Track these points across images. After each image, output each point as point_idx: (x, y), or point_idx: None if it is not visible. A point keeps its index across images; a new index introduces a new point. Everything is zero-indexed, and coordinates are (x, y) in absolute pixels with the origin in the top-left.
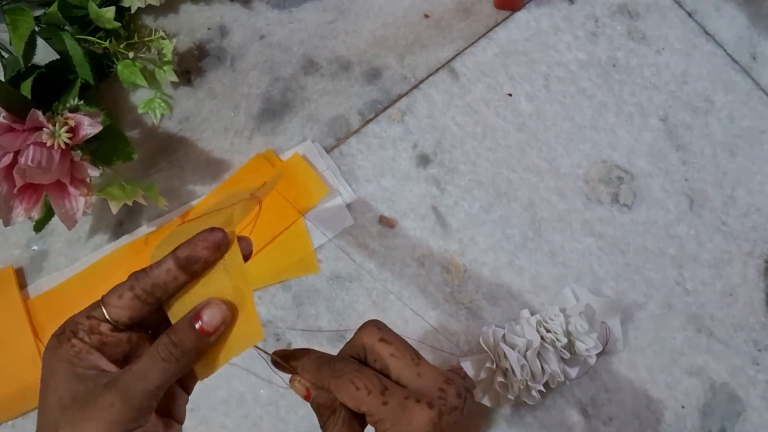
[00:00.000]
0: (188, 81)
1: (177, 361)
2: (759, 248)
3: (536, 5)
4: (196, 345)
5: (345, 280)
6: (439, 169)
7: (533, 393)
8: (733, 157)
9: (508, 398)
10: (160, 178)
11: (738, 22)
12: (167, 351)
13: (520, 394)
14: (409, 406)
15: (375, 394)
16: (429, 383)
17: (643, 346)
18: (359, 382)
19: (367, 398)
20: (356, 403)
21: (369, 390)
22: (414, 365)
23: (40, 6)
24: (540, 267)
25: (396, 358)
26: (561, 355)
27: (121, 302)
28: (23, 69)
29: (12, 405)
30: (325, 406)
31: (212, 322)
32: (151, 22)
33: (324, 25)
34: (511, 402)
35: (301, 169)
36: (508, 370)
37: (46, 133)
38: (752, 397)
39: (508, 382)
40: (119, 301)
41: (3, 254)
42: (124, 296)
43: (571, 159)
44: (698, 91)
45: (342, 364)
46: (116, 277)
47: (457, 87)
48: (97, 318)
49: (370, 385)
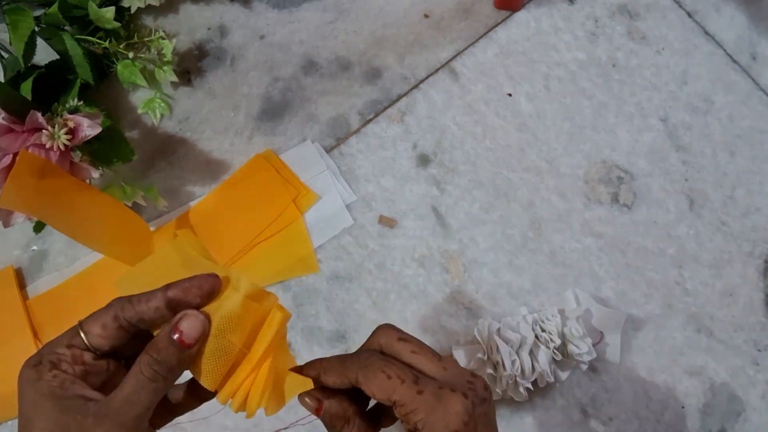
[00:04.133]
0: (188, 81)
1: (164, 379)
2: (759, 248)
3: (536, 5)
4: (179, 359)
5: (345, 280)
6: (439, 169)
7: (521, 390)
8: (733, 157)
9: (495, 392)
10: (160, 178)
11: (738, 22)
12: (151, 370)
13: (507, 388)
14: (444, 395)
15: (408, 384)
16: (457, 376)
17: (643, 346)
18: (391, 371)
19: (401, 387)
20: (388, 393)
21: (402, 379)
22: (437, 360)
23: (40, 6)
24: (540, 267)
25: (418, 354)
26: (553, 356)
27: (104, 332)
28: (23, 69)
29: (12, 405)
30: (337, 416)
31: (192, 333)
32: (151, 22)
33: (324, 25)
34: (498, 396)
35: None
36: (498, 363)
37: (46, 135)
38: (752, 397)
39: (497, 375)
40: (102, 331)
41: (3, 254)
42: (108, 326)
43: (571, 159)
44: (698, 91)
45: (368, 354)
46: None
47: (457, 87)
48: (79, 347)
49: (402, 374)
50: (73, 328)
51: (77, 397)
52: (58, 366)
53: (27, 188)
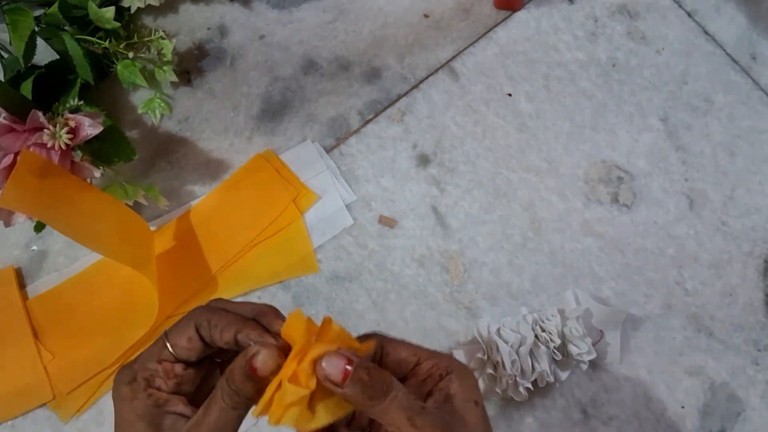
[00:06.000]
0: (188, 81)
1: (245, 405)
2: (759, 248)
3: (536, 5)
4: (256, 388)
5: (345, 280)
6: (439, 169)
7: (521, 389)
8: (733, 157)
9: (495, 391)
10: (160, 178)
11: (738, 22)
12: (231, 400)
13: (507, 388)
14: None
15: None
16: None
17: (643, 346)
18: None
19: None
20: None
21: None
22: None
23: (40, 6)
24: (540, 267)
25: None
26: (553, 356)
27: (190, 344)
28: (23, 69)
29: (12, 405)
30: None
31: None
32: (151, 22)
33: (324, 25)
34: (498, 395)
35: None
36: (498, 363)
37: (47, 134)
38: (752, 397)
39: (497, 375)
40: (188, 344)
41: (3, 254)
42: (193, 339)
43: (570, 159)
44: (698, 91)
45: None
46: (116, 278)
47: (457, 87)
48: (169, 360)
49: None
50: (159, 341)
51: (171, 415)
52: (152, 383)
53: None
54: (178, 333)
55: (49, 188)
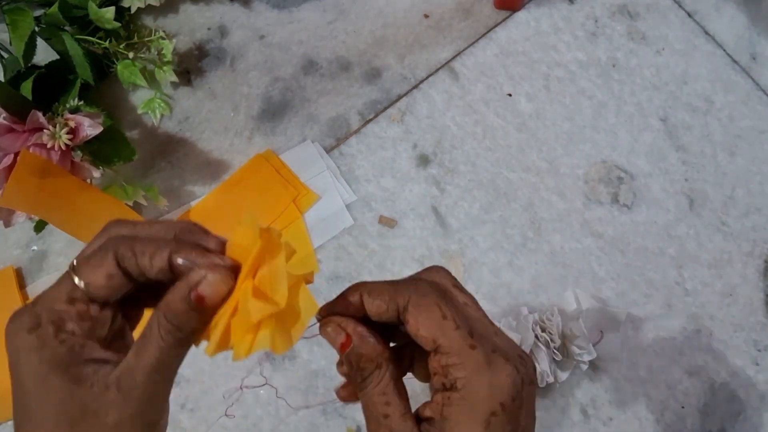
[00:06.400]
0: (188, 81)
1: (188, 342)
2: (759, 248)
3: (536, 5)
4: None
5: (345, 280)
6: (439, 169)
7: None
8: (733, 157)
9: None
10: (160, 178)
11: (738, 22)
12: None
13: None
14: (497, 361)
15: (462, 333)
16: (510, 347)
17: (643, 346)
18: (447, 311)
19: (454, 333)
20: (436, 334)
21: (457, 324)
22: (491, 324)
23: (40, 6)
24: (540, 267)
25: (470, 308)
26: (553, 356)
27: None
28: (23, 69)
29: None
30: (369, 358)
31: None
32: (151, 22)
33: (324, 25)
34: None
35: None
36: None
37: (47, 135)
38: (752, 397)
39: None
40: (108, 281)
41: (3, 254)
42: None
43: (570, 159)
44: (698, 91)
45: (425, 284)
46: None
47: (457, 87)
48: (81, 300)
49: (458, 319)
50: (65, 277)
51: (90, 362)
52: (63, 327)
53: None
54: (92, 268)
55: (49, 188)
